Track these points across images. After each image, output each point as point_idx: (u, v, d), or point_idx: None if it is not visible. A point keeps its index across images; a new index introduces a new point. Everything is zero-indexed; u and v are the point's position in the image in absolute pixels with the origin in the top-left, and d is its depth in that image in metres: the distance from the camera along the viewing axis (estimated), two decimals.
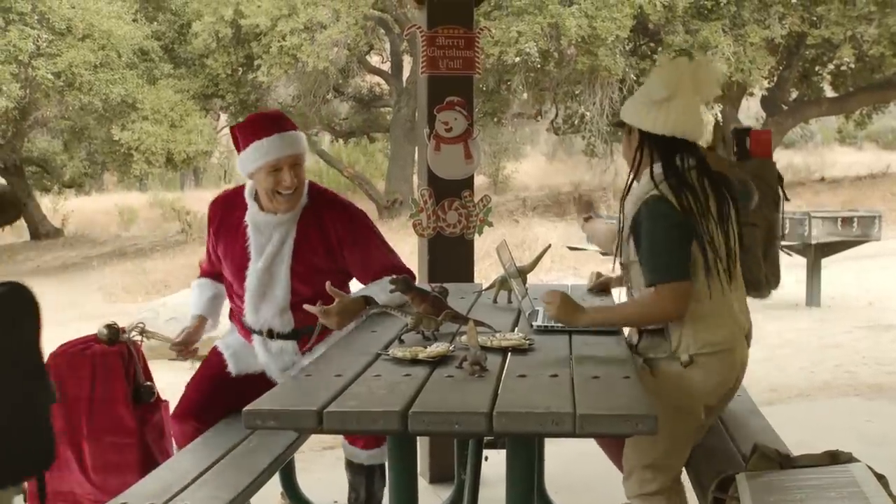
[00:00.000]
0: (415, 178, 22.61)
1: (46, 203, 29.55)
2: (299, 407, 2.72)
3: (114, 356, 4.31)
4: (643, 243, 3.39)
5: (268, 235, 4.28)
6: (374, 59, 28.15)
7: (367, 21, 23.85)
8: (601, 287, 4.44)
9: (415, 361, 3.16)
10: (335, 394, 2.80)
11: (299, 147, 4.27)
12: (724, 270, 3.43)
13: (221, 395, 4.37)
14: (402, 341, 3.48)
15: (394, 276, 3.73)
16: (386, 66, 27.75)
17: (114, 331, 4.37)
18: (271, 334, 4.35)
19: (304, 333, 4.29)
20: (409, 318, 3.54)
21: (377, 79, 28.48)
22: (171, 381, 5.87)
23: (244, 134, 4.28)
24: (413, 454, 3.06)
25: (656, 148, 3.44)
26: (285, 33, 21.99)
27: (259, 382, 4.24)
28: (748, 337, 3.70)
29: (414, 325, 3.51)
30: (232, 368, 4.43)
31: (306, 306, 3.95)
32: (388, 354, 3.27)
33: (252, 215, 4.32)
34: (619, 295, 4.14)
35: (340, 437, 4.75)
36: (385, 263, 4.30)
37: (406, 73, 26.24)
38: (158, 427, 4.41)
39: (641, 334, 3.56)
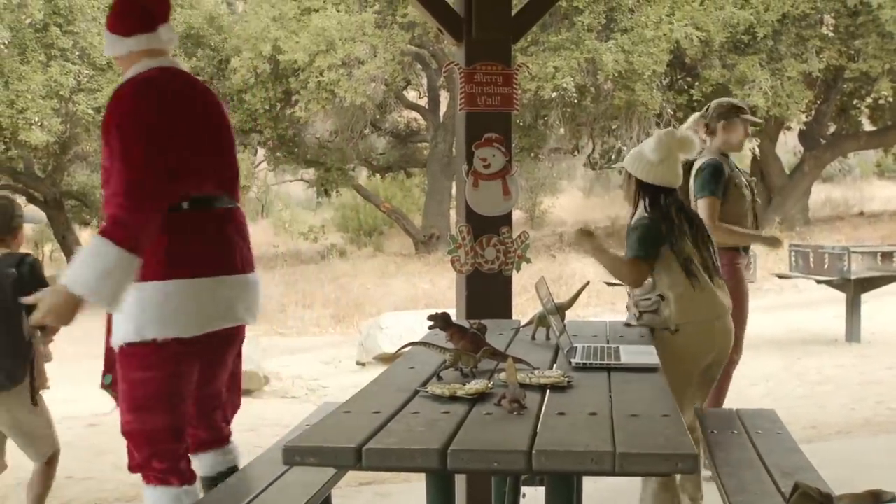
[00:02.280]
0: (452, 213, 22.66)
1: (86, 236, 29.74)
2: (339, 444, 2.72)
3: None
4: (629, 237, 4.76)
5: None
6: (411, 95, 28.30)
7: (404, 57, 24.01)
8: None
9: (453, 398, 3.16)
10: (374, 431, 2.80)
11: None
12: (701, 271, 4.72)
13: None
14: (440, 378, 3.47)
15: (432, 313, 3.73)
16: (423, 102, 27.88)
17: None
18: None
19: None
20: (448, 354, 3.54)
21: (414, 114, 28.62)
22: None
23: None
24: (451, 491, 3.05)
25: (648, 191, 4.78)
26: (323, 69, 22.16)
27: None
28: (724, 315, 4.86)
29: (452, 361, 3.51)
30: None
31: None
32: (426, 391, 3.26)
33: None
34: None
35: (378, 474, 4.74)
36: (112, 188, 3.79)
37: (443, 109, 26.35)
38: None
39: (642, 315, 4.77)
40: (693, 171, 6.08)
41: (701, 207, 5.92)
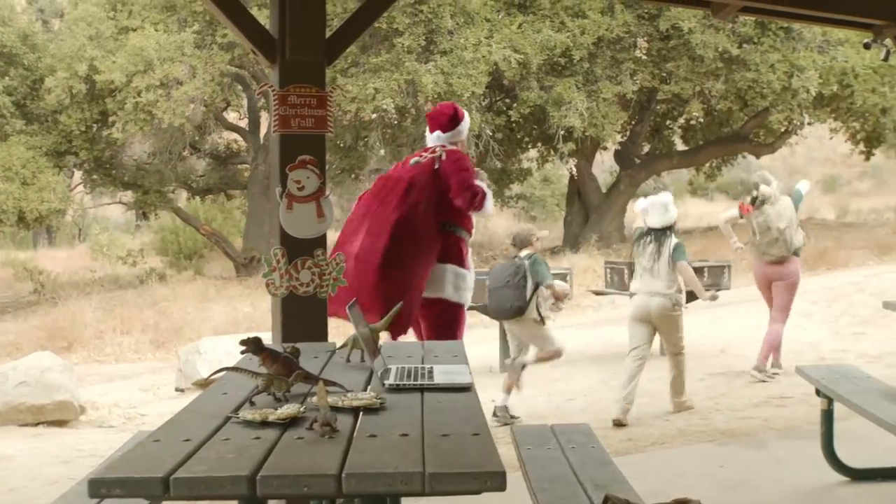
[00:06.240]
0: None
1: None
2: (145, 474, 2.66)
3: None
4: None
5: None
6: (231, 116, 28.04)
7: (224, 77, 23.77)
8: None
9: (265, 424, 3.12)
10: (183, 459, 2.76)
11: None
12: (645, 270, 8.83)
13: None
14: (252, 403, 3.44)
15: (244, 338, 3.69)
16: (243, 123, 27.67)
17: None
18: None
19: None
20: (260, 379, 3.51)
21: (234, 135, 28.35)
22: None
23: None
24: None
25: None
26: (141, 89, 21.78)
27: None
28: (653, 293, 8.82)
29: (265, 386, 3.48)
30: None
31: None
32: (238, 417, 3.23)
33: None
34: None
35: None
36: None
37: (263, 130, 26.19)
38: None
39: None
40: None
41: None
